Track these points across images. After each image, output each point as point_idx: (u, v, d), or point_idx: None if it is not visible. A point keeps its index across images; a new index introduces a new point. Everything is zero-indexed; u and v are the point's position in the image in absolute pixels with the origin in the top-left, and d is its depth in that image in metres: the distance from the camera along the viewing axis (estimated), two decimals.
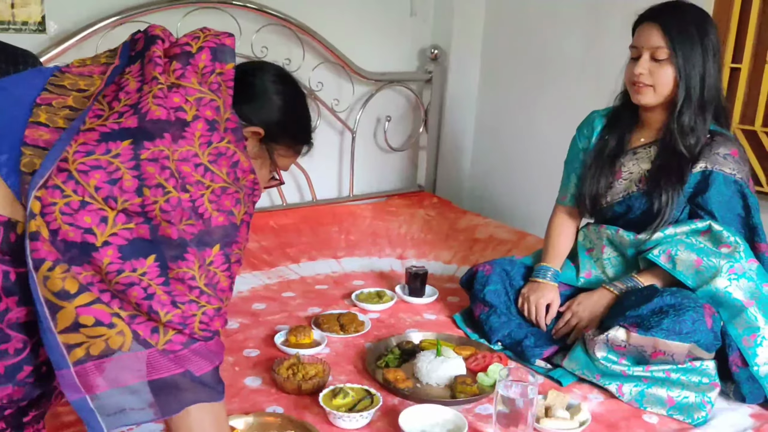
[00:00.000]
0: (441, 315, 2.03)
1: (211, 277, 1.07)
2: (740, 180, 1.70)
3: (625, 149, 1.82)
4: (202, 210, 1.06)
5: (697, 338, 1.53)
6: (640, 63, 1.68)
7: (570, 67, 2.87)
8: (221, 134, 1.10)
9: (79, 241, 0.99)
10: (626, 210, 1.81)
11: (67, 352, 1.01)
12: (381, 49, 3.10)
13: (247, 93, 1.21)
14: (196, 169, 1.06)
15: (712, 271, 1.62)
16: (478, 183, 3.38)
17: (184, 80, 1.11)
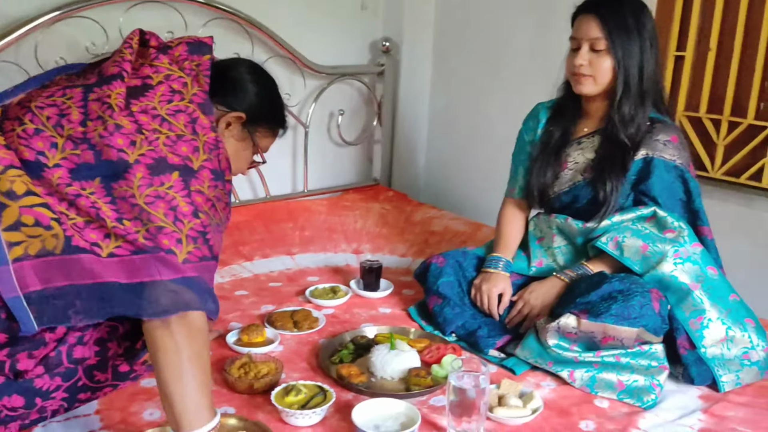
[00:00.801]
0: (396, 308, 2.02)
1: (169, 201, 1.21)
2: (680, 165, 1.74)
3: (570, 140, 1.85)
4: (158, 150, 1.23)
5: (645, 322, 1.55)
6: (580, 54, 1.71)
7: (519, 59, 2.89)
8: (184, 99, 1.29)
9: (33, 160, 1.20)
10: (573, 200, 1.83)
11: (8, 249, 1.16)
12: (332, 42, 3.08)
13: (227, 84, 1.41)
14: (153, 119, 1.25)
15: (658, 257, 1.65)
16: (434, 176, 3.38)
17: (156, 61, 1.33)
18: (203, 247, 1.22)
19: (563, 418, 1.49)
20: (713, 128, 2.36)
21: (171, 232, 1.20)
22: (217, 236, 1.28)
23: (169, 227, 1.20)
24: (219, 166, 1.32)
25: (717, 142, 2.35)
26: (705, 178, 2.38)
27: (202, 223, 1.23)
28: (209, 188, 1.27)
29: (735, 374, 1.61)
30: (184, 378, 1.16)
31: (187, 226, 1.21)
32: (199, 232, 1.23)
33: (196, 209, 1.23)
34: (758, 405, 1.57)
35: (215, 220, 1.28)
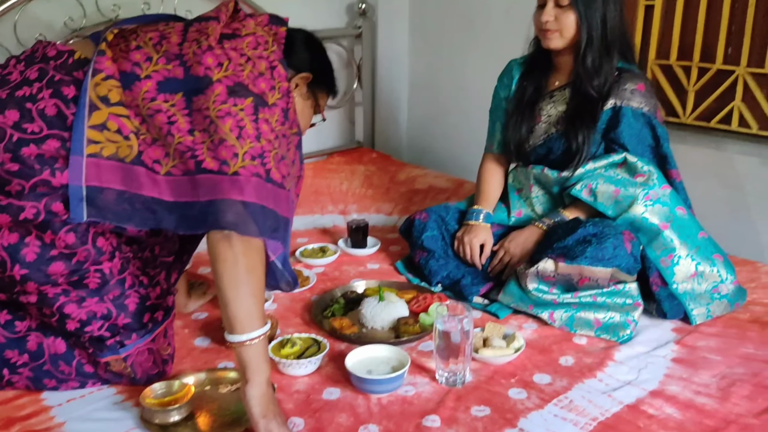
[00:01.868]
0: (384, 264, 2.10)
1: (238, 120, 1.32)
2: (648, 112, 1.81)
3: (543, 93, 1.91)
4: (241, 78, 1.35)
5: (618, 263, 1.64)
6: (546, 10, 1.77)
7: (494, 17, 2.92)
8: (267, 50, 1.42)
9: (129, 71, 1.35)
10: (548, 151, 1.90)
11: (87, 144, 1.32)
12: (309, 5, 3.08)
13: (292, 49, 1.53)
14: (241, 56, 1.38)
15: (629, 200, 1.73)
16: (416, 135, 3.43)
17: (244, 21, 1.47)
18: (259, 167, 1.31)
19: (544, 355, 1.58)
20: (684, 75, 2.43)
21: (231, 146, 1.30)
22: (281, 166, 1.37)
23: (231, 141, 1.30)
24: (288, 111, 1.43)
25: (688, 88, 2.42)
26: (677, 123, 2.45)
27: (262, 147, 1.32)
28: (277, 122, 1.38)
29: (706, 307, 1.71)
30: (240, 287, 1.28)
31: (247, 145, 1.31)
32: (258, 153, 1.32)
33: (259, 134, 1.33)
34: (728, 335, 1.67)
35: (279, 151, 1.37)
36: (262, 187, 1.31)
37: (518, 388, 1.46)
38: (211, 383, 1.46)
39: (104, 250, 1.39)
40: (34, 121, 1.33)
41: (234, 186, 1.28)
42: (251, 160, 1.31)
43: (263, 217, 1.30)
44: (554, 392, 1.44)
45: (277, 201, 1.35)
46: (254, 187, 1.30)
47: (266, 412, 1.26)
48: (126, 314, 1.42)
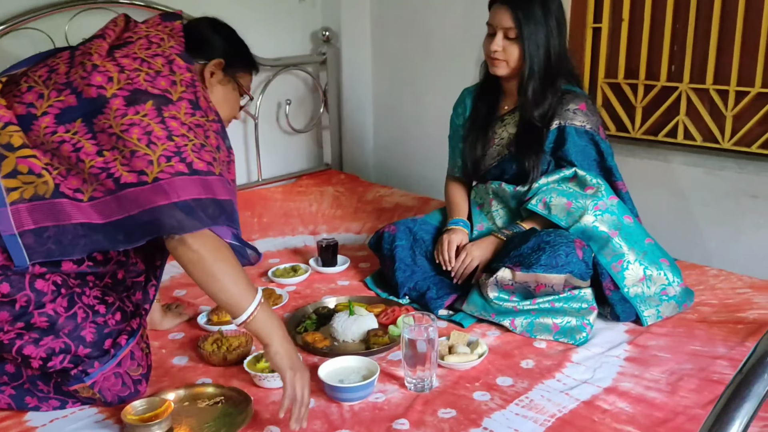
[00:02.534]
0: (354, 280, 2.18)
1: (144, 126, 1.35)
2: (590, 130, 1.94)
3: (495, 117, 2.04)
4: (137, 83, 1.38)
5: (571, 269, 1.75)
6: (495, 41, 1.90)
7: (450, 41, 3.05)
8: (161, 47, 1.45)
9: (25, 114, 1.38)
10: (501, 172, 2.03)
11: (6, 194, 1.34)
12: (274, 34, 3.19)
13: (198, 40, 1.57)
14: (134, 60, 1.41)
15: (580, 211, 1.85)
16: (382, 156, 3.54)
17: (135, 28, 1.52)
18: (178, 164, 1.33)
19: (506, 359, 1.68)
20: (631, 92, 2.57)
21: (143, 155, 1.32)
22: (203, 153, 1.38)
23: (142, 150, 1.32)
24: (198, 101, 1.45)
25: (635, 104, 2.56)
26: (627, 138, 2.60)
27: (176, 144, 1.35)
28: (186, 114, 1.40)
29: (655, 309, 1.83)
30: (216, 278, 1.36)
31: (160, 148, 1.33)
32: (173, 151, 1.34)
33: (170, 133, 1.35)
34: (677, 334, 1.78)
35: (197, 141, 1.38)
36: (188, 182, 1.34)
37: (482, 390, 1.55)
38: (189, 399, 1.51)
39: (45, 291, 1.40)
40: None
41: (158, 192, 1.32)
42: (167, 162, 1.33)
43: (200, 209, 1.34)
44: (516, 393, 1.53)
45: (209, 188, 1.37)
46: (179, 186, 1.32)
47: (292, 365, 1.37)
48: (84, 345, 1.43)
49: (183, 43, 1.52)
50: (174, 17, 1.59)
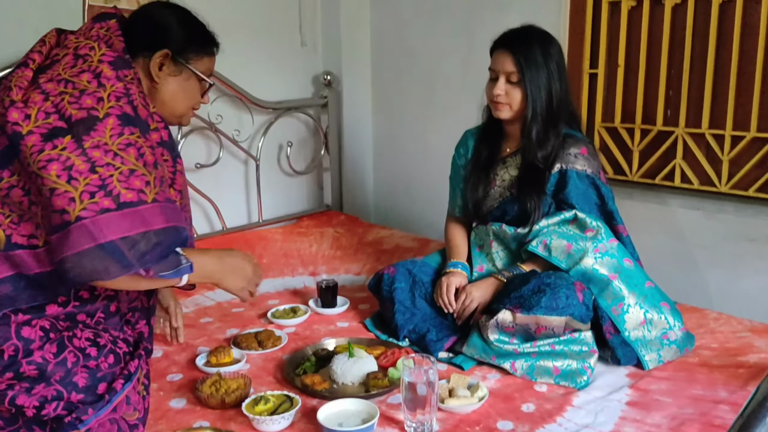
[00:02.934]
0: (353, 322, 2.18)
1: (63, 161, 1.26)
2: (591, 174, 1.96)
3: (496, 159, 2.06)
4: (61, 109, 1.30)
5: (572, 311, 1.75)
6: (498, 85, 1.93)
7: (451, 83, 3.11)
8: (88, 61, 1.37)
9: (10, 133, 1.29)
10: (503, 213, 2.04)
11: None
12: (276, 78, 3.25)
13: (143, 31, 1.49)
14: (58, 83, 1.33)
15: (580, 253, 1.85)
16: (382, 197, 3.56)
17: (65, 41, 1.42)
18: (103, 200, 1.25)
19: (507, 403, 1.66)
20: (628, 136, 2.61)
21: (63, 192, 1.24)
22: (133, 180, 1.30)
23: (62, 187, 1.24)
24: (132, 112, 1.36)
25: (632, 148, 2.59)
26: (625, 181, 2.62)
27: (99, 177, 1.27)
28: (113, 136, 1.30)
29: (657, 353, 1.82)
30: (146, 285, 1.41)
31: (82, 183, 1.25)
32: (97, 185, 1.26)
33: (92, 164, 1.27)
34: (678, 378, 1.77)
35: (124, 167, 1.30)
36: (115, 219, 1.26)
37: None
38: None
39: (32, 338, 1.35)
40: None
41: (82, 233, 1.24)
42: (90, 199, 1.25)
43: (129, 249, 1.27)
44: None
45: (141, 220, 1.30)
46: (104, 224, 1.25)
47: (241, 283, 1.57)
48: (77, 391, 1.36)
49: (122, 42, 1.43)
50: (107, 16, 1.48)
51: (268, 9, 3.16)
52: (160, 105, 1.53)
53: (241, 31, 3.07)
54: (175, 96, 1.53)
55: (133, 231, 1.28)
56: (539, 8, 2.69)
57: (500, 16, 2.80)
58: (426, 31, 3.16)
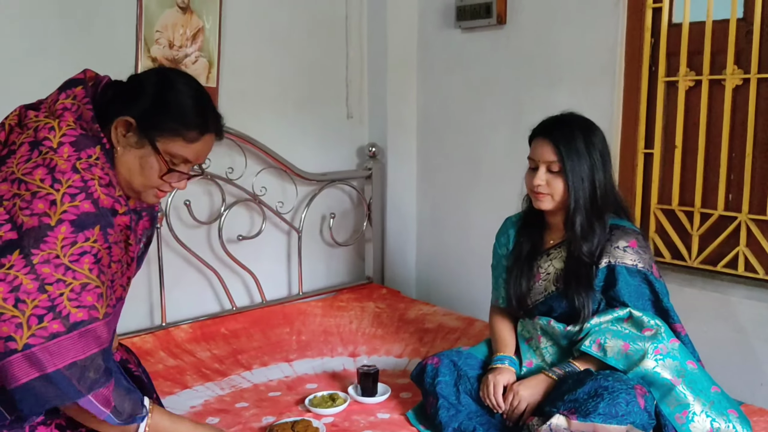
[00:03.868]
0: (395, 413, 2.06)
1: (10, 281, 1.19)
2: (642, 269, 1.84)
3: (540, 250, 1.97)
4: (14, 214, 1.22)
5: (633, 419, 1.61)
6: (538, 175, 1.85)
7: (497, 158, 3.04)
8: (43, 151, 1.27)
9: None
10: (549, 309, 1.93)
11: None
12: (321, 150, 3.24)
13: (124, 95, 1.39)
14: (11, 184, 1.25)
15: (639, 354, 1.73)
16: (424, 271, 3.48)
17: (26, 119, 1.34)
18: (52, 324, 1.19)
19: None
20: (686, 219, 2.49)
21: (10, 318, 1.17)
22: (85, 295, 1.23)
23: (8, 312, 1.17)
24: (92, 207, 1.27)
25: (691, 232, 2.47)
26: (683, 267, 2.49)
27: (49, 296, 1.19)
28: (65, 246, 1.22)
29: None
30: None
31: (30, 307, 1.18)
32: (47, 307, 1.19)
33: (42, 283, 1.20)
34: None
35: (75, 281, 1.23)
36: (65, 344, 1.19)
37: None
38: None
39: None
40: None
41: (30, 362, 1.17)
42: (39, 324, 1.18)
43: (78, 376, 1.21)
44: None
45: (93, 339, 1.23)
46: (54, 351, 1.18)
47: None
48: None
49: (90, 111, 1.33)
50: (73, 83, 1.37)
51: (315, 81, 3.18)
52: (118, 174, 1.39)
53: (287, 103, 3.09)
54: (130, 169, 1.38)
55: (82, 354, 1.22)
56: (591, 85, 2.63)
57: (550, 93, 2.75)
58: (472, 106, 3.12)
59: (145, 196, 1.44)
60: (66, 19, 2.44)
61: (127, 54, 2.57)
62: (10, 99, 2.32)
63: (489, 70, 3.02)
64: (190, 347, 2.57)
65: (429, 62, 3.29)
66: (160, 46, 2.63)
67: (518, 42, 2.89)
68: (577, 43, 2.67)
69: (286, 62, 3.07)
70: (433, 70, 3.28)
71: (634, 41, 2.53)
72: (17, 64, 2.36)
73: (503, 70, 2.96)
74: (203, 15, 2.74)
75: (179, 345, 2.57)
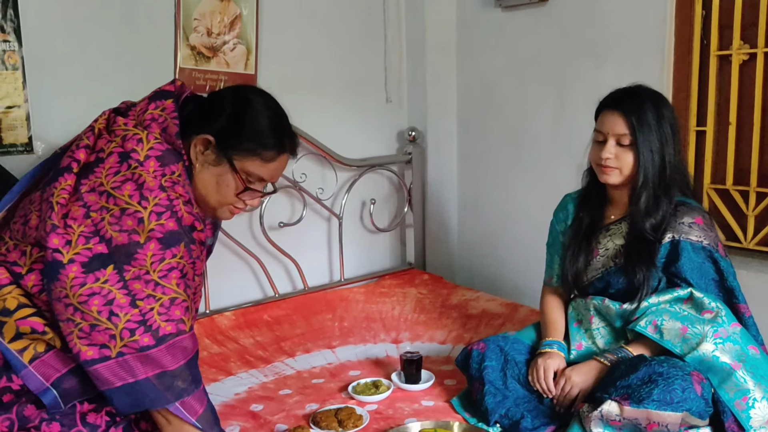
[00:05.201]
0: (439, 400, 2.03)
1: (105, 294, 1.23)
2: (708, 246, 1.77)
3: (599, 226, 1.90)
4: (101, 231, 1.26)
5: (689, 406, 1.55)
6: (607, 148, 1.78)
7: (541, 140, 2.97)
8: (132, 166, 1.31)
9: (15, 272, 1.29)
10: (606, 285, 1.86)
11: (20, 355, 1.28)
12: (361, 135, 3.21)
13: (207, 110, 1.41)
14: (100, 196, 1.28)
15: (698, 338, 1.65)
16: (467, 257, 3.42)
17: (114, 125, 1.36)
18: (143, 337, 1.24)
19: None
20: (741, 200, 2.38)
21: (104, 330, 1.23)
22: (173, 310, 1.28)
23: (103, 324, 1.23)
24: (176, 225, 1.30)
25: (747, 213, 2.36)
26: (739, 248, 2.39)
27: (140, 311, 1.24)
28: (154, 263, 1.27)
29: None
30: None
31: (123, 320, 1.23)
32: (138, 321, 1.24)
33: (133, 298, 1.25)
34: None
35: (165, 297, 1.27)
36: (155, 356, 1.25)
37: None
38: None
39: (98, 424, 1.34)
40: None
41: (122, 368, 1.24)
42: (131, 336, 1.23)
43: (165, 385, 1.26)
44: None
45: (180, 351, 1.28)
46: (145, 362, 1.24)
47: None
48: None
49: (177, 124, 1.35)
50: (163, 95, 1.40)
51: (353, 65, 3.14)
52: (195, 189, 1.43)
53: (325, 88, 3.06)
54: (206, 186, 1.43)
55: (172, 365, 1.28)
56: (639, 62, 2.53)
57: (596, 71, 2.65)
58: (514, 87, 3.04)
59: (221, 212, 1.49)
60: (107, 10, 2.46)
61: (166, 43, 2.58)
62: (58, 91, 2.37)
63: (531, 49, 2.94)
64: (233, 334, 2.57)
65: (469, 43, 3.22)
66: (198, 34, 2.63)
67: (561, 19, 2.80)
68: (623, 18, 2.57)
69: (323, 47, 3.04)
70: (473, 50, 3.21)
71: (684, 14, 2.42)
72: (65, 58, 2.38)
73: (546, 49, 2.87)
74: (240, 2, 2.73)
75: (223, 332, 2.58)
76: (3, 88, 2.27)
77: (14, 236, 1.34)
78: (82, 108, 2.08)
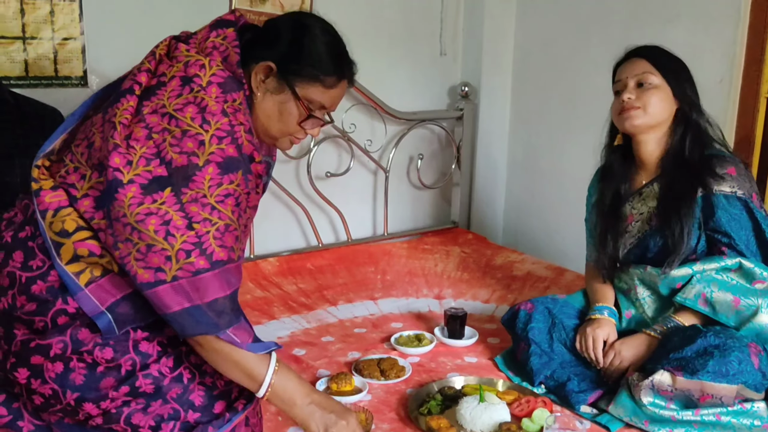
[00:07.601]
0: (482, 357, 2.01)
1: (162, 215, 1.21)
2: (742, 195, 1.70)
3: (629, 193, 1.87)
4: (162, 153, 1.24)
5: (745, 379, 1.50)
6: (628, 89, 1.77)
7: (598, 100, 2.84)
8: (194, 89, 1.27)
9: (72, 195, 1.27)
10: (644, 251, 1.82)
11: (77, 278, 1.27)
12: (412, 88, 3.14)
13: (261, 39, 1.37)
14: (162, 118, 1.25)
15: (751, 309, 1.61)
16: (513, 218, 3.37)
17: (176, 52, 1.33)
18: (198, 260, 1.22)
19: None
20: None
21: (161, 250, 1.21)
22: (227, 237, 1.26)
23: (159, 244, 1.21)
24: (236, 152, 1.28)
25: None
26: None
27: (196, 233, 1.22)
28: (211, 187, 1.25)
29: None
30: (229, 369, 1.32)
31: (179, 240, 1.21)
32: (194, 243, 1.22)
33: (190, 221, 1.23)
34: None
35: (220, 222, 1.25)
36: (209, 281, 1.24)
37: None
38: None
39: (150, 353, 1.34)
40: (36, 256, 1.30)
41: (177, 293, 1.22)
42: (186, 258, 1.21)
43: (215, 312, 1.25)
44: None
45: (228, 280, 1.26)
46: (200, 287, 1.23)
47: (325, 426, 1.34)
48: (194, 410, 1.34)
49: (238, 54, 1.32)
50: (224, 23, 1.36)
51: (408, 16, 3.07)
52: (255, 119, 1.40)
53: (378, 39, 3.00)
54: (268, 115, 1.39)
55: (223, 292, 1.26)
56: (712, 22, 2.41)
57: (665, 30, 2.54)
58: (576, 45, 2.93)
59: (281, 142, 1.45)
60: None
61: None
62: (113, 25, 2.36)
63: (596, 5, 2.82)
64: (277, 280, 2.59)
65: None
66: None
67: None
68: None
69: None
70: (534, 4, 3.10)
71: None
72: None
73: (613, 5, 2.75)
74: None
75: (267, 277, 2.60)
76: (60, 19, 2.27)
77: (75, 159, 1.32)
78: (137, 42, 2.06)
